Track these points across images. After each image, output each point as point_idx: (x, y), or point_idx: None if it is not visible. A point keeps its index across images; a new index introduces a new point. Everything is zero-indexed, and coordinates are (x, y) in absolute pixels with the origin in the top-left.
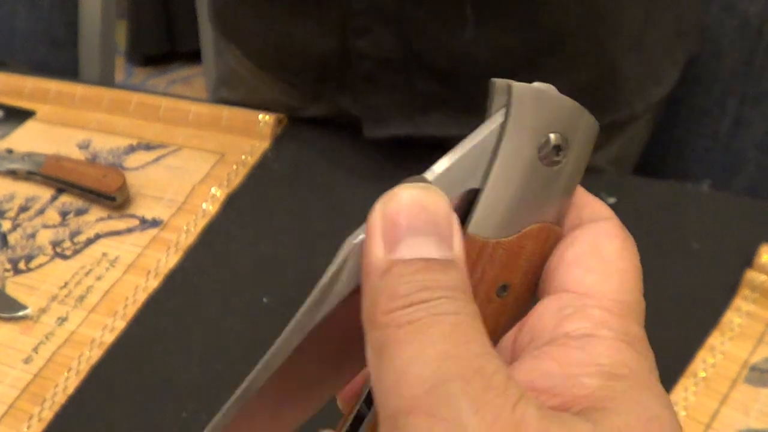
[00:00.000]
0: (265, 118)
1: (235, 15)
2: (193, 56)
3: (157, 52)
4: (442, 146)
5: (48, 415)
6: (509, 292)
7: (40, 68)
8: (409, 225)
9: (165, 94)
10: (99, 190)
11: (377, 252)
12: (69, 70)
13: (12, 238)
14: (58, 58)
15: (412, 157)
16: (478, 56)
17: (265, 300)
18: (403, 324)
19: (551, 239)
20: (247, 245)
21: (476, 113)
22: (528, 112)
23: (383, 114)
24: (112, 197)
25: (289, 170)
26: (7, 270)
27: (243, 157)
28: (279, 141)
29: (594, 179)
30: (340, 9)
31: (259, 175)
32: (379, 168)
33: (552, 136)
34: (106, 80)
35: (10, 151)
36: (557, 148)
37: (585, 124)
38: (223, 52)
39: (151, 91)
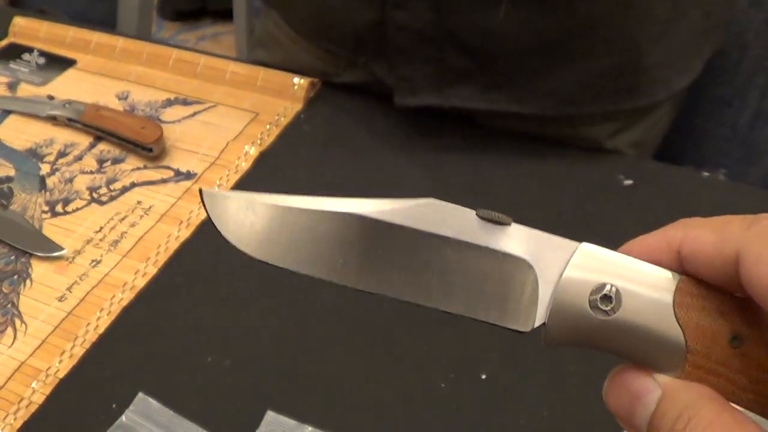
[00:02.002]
0: (299, 81)
1: None
2: (223, 14)
3: (188, 8)
4: (467, 118)
5: (79, 351)
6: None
7: (79, 18)
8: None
9: (203, 51)
10: (136, 140)
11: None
12: (106, 22)
13: (50, 182)
14: (97, 10)
15: (437, 127)
16: (509, 35)
17: None
18: None
19: None
20: None
21: (504, 90)
22: None
23: (414, 84)
24: (149, 148)
25: (320, 132)
26: (44, 211)
27: (276, 117)
28: (312, 104)
29: (614, 161)
30: None
31: (291, 135)
32: (406, 135)
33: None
34: (143, 33)
35: (51, 98)
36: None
37: None
38: (262, 16)
39: (186, 47)
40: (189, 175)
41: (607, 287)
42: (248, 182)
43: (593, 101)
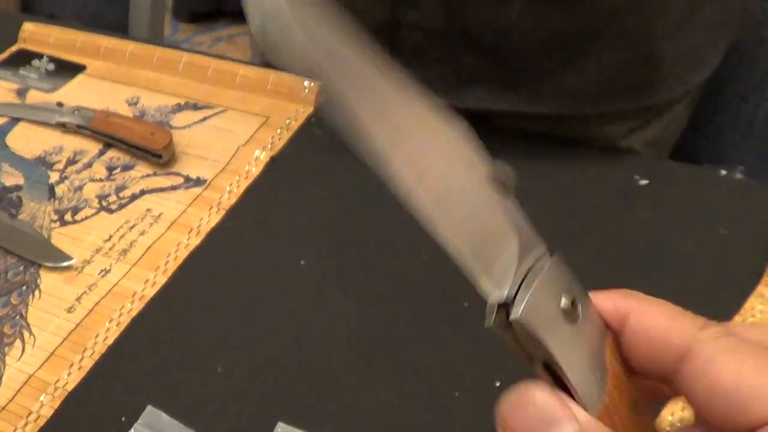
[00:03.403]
0: (310, 84)
1: None
2: (239, 15)
3: (203, 9)
4: (481, 118)
5: (88, 363)
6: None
7: (91, 22)
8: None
9: (213, 55)
10: (146, 146)
11: None
12: (119, 26)
13: (59, 190)
14: (108, 14)
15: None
16: (523, 33)
17: (302, 262)
18: None
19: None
20: (288, 208)
21: (518, 89)
22: None
23: (428, 85)
24: (159, 154)
25: (331, 136)
26: (53, 220)
27: (287, 121)
28: (322, 107)
29: (629, 161)
30: None
31: (302, 139)
32: None
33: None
34: (155, 37)
35: (60, 104)
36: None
37: None
38: None
39: (197, 50)
40: (199, 182)
41: (573, 296)
42: (259, 187)
43: (608, 99)
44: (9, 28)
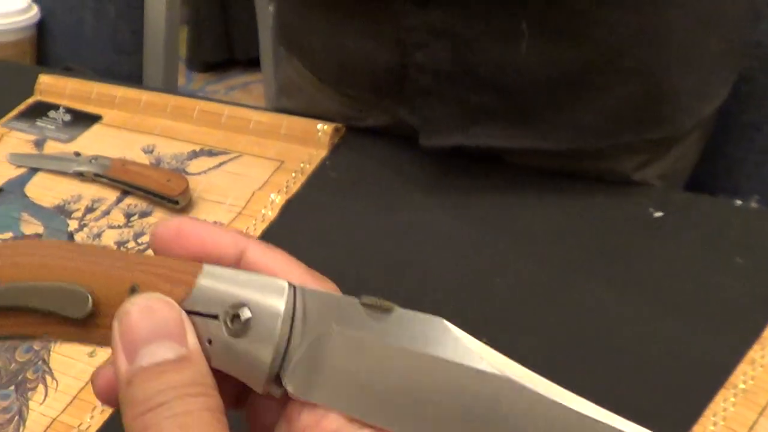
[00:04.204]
0: (323, 128)
1: (297, 30)
2: (251, 64)
3: (216, 59)
4: (494, 157)
5: (109, 407)
6: None
7: (106, 74)
8: (142, 335)
9: (227, 102)
10: (163, 193)
11: (121, 366)
12: (133, 76)
13: (78, 237)
14: (123, 64)
15: (463, 167)
16: (530, 69)
17: None
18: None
19: None
20: (304, 250)
21: (529, 126)
22: None
23: (439, 125)
24: (176, 200)
25: (346, 178)
26: None
27: (301, 164)
28: (336, 149)
29: (642, 193)
30: (395, 25)
31: (317, 182)
32: (433, 176)
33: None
34: (169, 86)
35: (77, 154)
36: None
37: None
38: (284, 64)
39: (212, 98)
40: None
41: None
42: (275, 231)
43: (618, 133)
44: (26, 81)
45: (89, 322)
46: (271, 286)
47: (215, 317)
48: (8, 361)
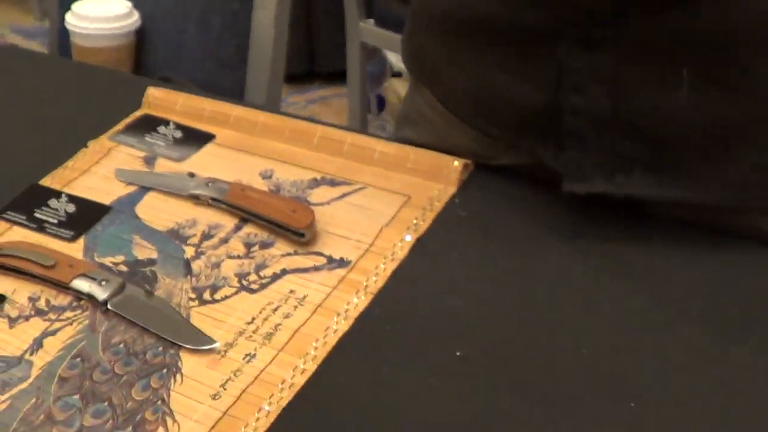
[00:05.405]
0: (453, 163)
1: (432, 59)
2: (332, 77)
3: (298, 70)
4: (634, 206)
5: None
6: None
7: (205, 86)
8: None
9: (347, 129)
10: (288, 224)
11: None
12: (234, 91)
13: (195, 266)
14: (225, 78)
15: (601, 215)
16: (689, 120)
17: (458, 353)
18: None
19: None
20: (437, 293)
21: (678, 177)
22: None
23: (586, 171)
24: (301, 233)
25: (476, 218)
26: (192, 299)
27: (430, 201)
28: (465, 187)
29: None
30: (554, 65)
31: (446, 221)
32: (571, 223)
33: None
34: (273, 104)
35: (192, 175)
36: None
37: None
38: (410, 93)
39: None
40: (343, 263)
41: None
42: (405, 272)
43: (766, 190)
44: (132, 93)
45: None
46: None
47: None
48: (124, 398)
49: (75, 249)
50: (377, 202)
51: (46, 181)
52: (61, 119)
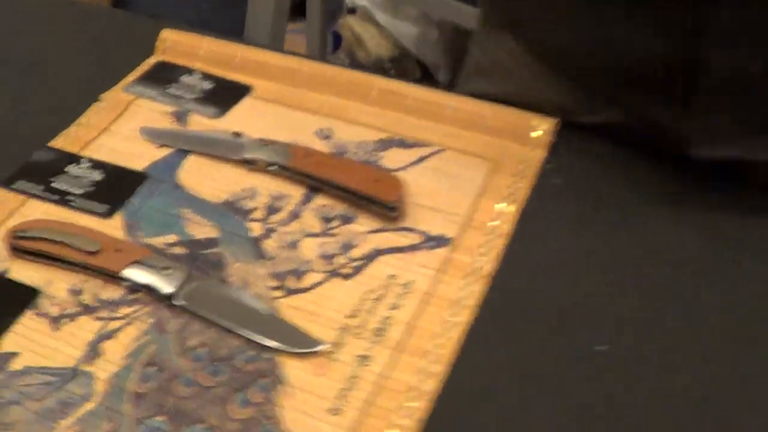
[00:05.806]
0: (541, 123)
1: (524, 5)
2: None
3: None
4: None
5: None
6: None
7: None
8: None
9: (413, 81)
10: (373, 196)
11: None
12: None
13: (267, 246)
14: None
15: (706, 182)
16: None
17: (596, 347)
18: None
19: None
20: (556, 275)
21: None
22: None
23: (717, 134)
24: (392, 206)
25: (575, 186)
26: (274, 287)
27: (520, 167)
28: (555, 150)
29: None
30: (694, 15)
31: (542, 190)
32: (673, 190)
33: None
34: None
35: (238, 134)
36: None
37: None
38: (484, 41)
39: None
40: (442, 240)
41: None
42: (515, 251)
43: None
44: (140, 37)
45: None
46: None
47: None
48: (221, 418)
49: (113, 227)
50: (459, 167)
51: (58, 143)
52: (58, 66)
